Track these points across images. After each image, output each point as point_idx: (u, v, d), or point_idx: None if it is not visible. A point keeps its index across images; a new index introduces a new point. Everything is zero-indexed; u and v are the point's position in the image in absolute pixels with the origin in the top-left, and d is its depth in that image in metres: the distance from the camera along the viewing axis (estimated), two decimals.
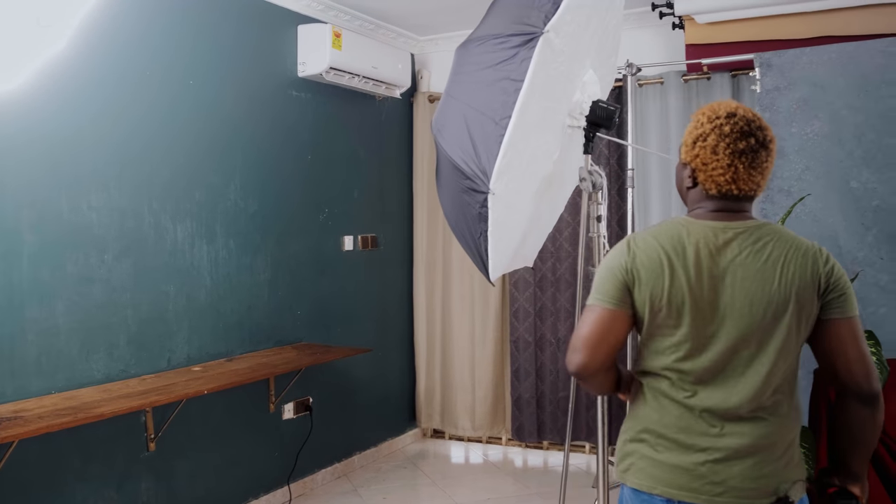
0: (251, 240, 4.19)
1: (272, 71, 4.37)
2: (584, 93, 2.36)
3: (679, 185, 1.89)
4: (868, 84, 3.82)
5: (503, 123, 2.06)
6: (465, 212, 2.25)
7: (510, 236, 2.37)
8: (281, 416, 4.37)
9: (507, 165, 2.10)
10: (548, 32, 2.01)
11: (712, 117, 1.79)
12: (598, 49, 2.46)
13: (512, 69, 2.05)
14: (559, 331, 5.17)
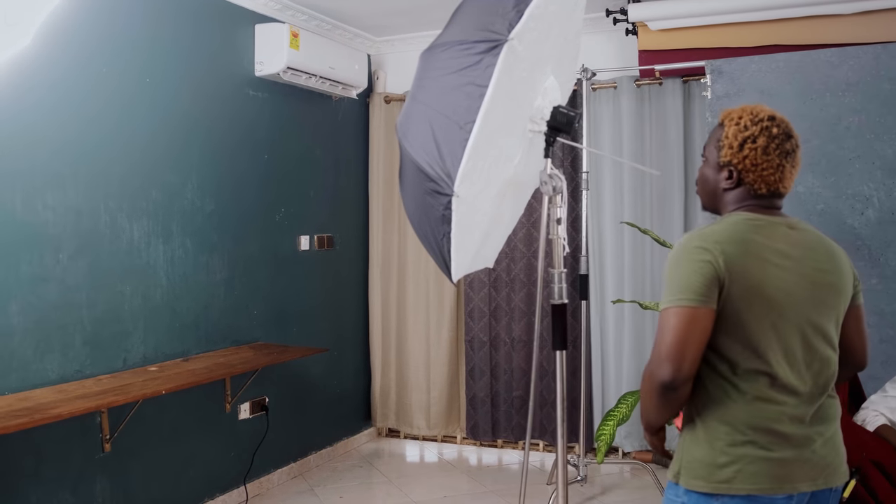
0: (208, 239, 4.17)
1: (229, 70, 4.36)
2: (545, 98, 2.42)
3: (709, 186, 1.94)
4: (813, 92, 3.96)
5: (468, 128, 2.10)
6: (428, 214, 2.28)
7: (472, 238, 2.41)
8: (237, 416, 4.36)
9: (471, 169, 2.14)
10: (512, 40, 2.06)
11: (755, 119, 1.84)
12: (559, 56, 2.52)
13: (476, 75, 2.10)
14: (513, 330, 5.24)
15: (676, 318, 1.72)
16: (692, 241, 1.79)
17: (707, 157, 1.95)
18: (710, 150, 1.93)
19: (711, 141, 1.94)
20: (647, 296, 4.82)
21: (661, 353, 1.72)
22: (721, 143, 1.88)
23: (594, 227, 4.97)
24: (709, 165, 1.94)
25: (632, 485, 4.67)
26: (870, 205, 3.87)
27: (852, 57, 3.91)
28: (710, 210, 2.00)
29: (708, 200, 1.98)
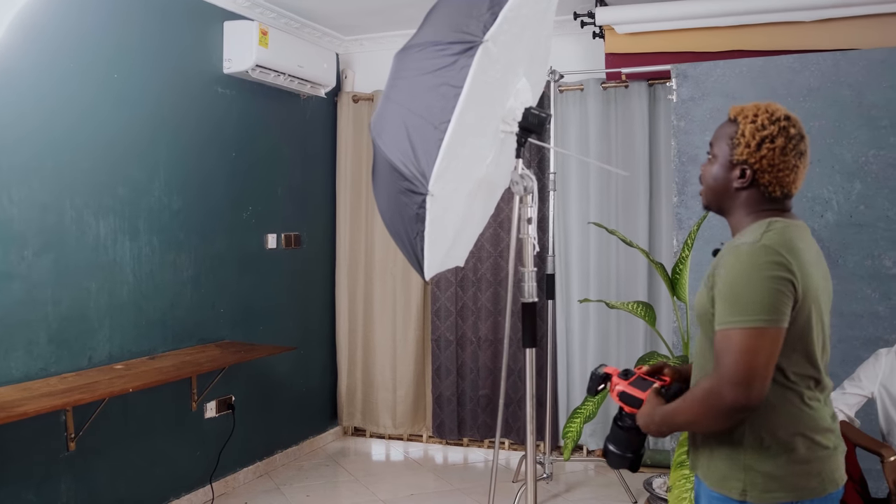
0: (175, 237, 4.15)
1: (198, 67, 4.34)
2: (517, 100, 2.45)
3: (719, 185, 1.87)
4: (776, 97, 4.03)
5: (442, 128, 2.12)
6: (402, 212, 2.30)
7: (445, 236, 2.44)
8: (203, 415, 4.34)
9: (445, 168, 2.17)
10: (486, 42, 2.09)
11: (773, 118, 1.80)
12: (531, 58, 2.56)
13: (451, 75, 2.12)
14: (480, 329, 5.27)
15: (753, 340, 1.64)
16: (761, 254, 1.69)
17: (716, 154, 1.87)
18: (721, 147, 1.86)
19: (721, 138, 1.86)
20: (612, 295, 4.89)
21: (735, 376, 1.64)
22: (736, 140, 1.82)
23: (560, 227, 5.02)
24: (718, 163, 1.86)
25: (596, 482, 4.73)
26: (829, 208, 3.97)
27: (813, 63, 4.00)
28: (714, 209, 1.93)
29: (714, 199, 1.91)
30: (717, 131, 1.90)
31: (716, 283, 1.74)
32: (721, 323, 1.69)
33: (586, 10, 4.70)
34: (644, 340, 4.88)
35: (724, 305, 1.69)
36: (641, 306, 3.91)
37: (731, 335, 1.66)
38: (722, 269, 1.73)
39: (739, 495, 1.78)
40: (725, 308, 1.69)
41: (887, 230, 3.88)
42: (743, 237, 1.79)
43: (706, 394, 1.71)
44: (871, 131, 3.91)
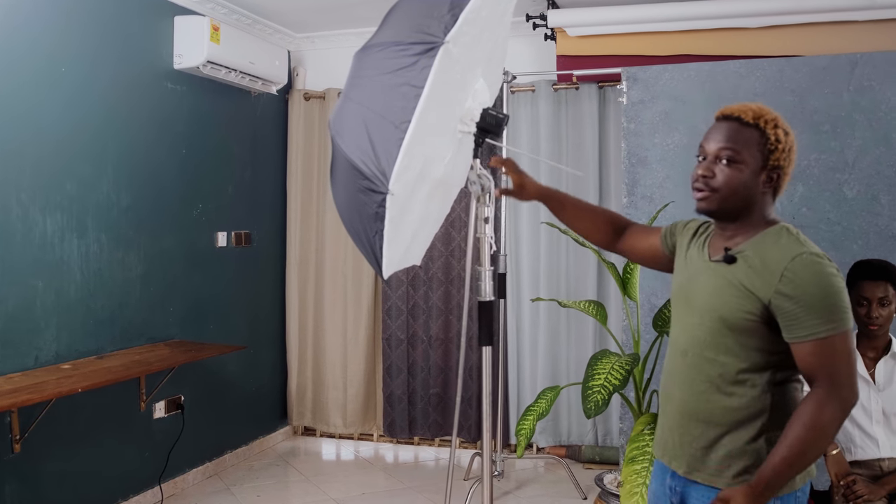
0: (124, 234, 4.08)
1: (147, 62, 4.27)
2: (475, 100, 2.46)
3: (748, 191, 1.87)
4: (723, 101, 4.09)
5: (403, 127, 2.12)
6: (360, 211, 2.30)
7: (403, 235, 2.44)
8: (152, 415, 4.28)
9: (405, 167, 2.17)
10: (447, 43, 2.10)
11: (786, 124, 1.90)
12: (489, 59, 2.58)
13: (412, 76, 2.12)
14: (431, 329, 5.29)
15: (849, 343, 1.78)
16: (828, 263, 1.80)
17: (745, 160, 1.86)
18: (752, 153, 1.86)
19: (748, 144, 1.86)
20: (562, 294, 4.95)
21: (850, 377, 1.78)
22: (771, 146, 1.86)
23: (511, 227, 5.07)
24: (749, 169, 1.86)
25: (546, 479, 4.79)
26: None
27: (759, 69, 4.11)
28: (725, 214, 1.92)
29: (736, 204, 1.89)
30: (731, 135, 1.88)
31: (785, 296, 1.78)
32: (818, 332, 1.76)
33: (538, 12, 4.75)
34: (594, 339, 4.95)
35: (815, 315, 1.76)
36: (593, 305, 3.97)
37: (835, 341, 1.76)
38: (796, 280, 1.77)
39: (788, 487, 1.85)
40: (818, 318, 1.76)
41: (828, 231, 4.00)
42: (782, 244, 1.83)
43: (823, 406, 1.76)
44: (813, 136, 4.03)
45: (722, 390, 1.88)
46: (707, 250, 1.99)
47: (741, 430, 1.87)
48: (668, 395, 2.05)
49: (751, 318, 1.83)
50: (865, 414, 2.88)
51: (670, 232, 2.21)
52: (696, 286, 1.97)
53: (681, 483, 2.00)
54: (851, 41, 4.26)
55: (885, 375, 2.89)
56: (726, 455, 1.88)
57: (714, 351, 1.90)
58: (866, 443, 2.89)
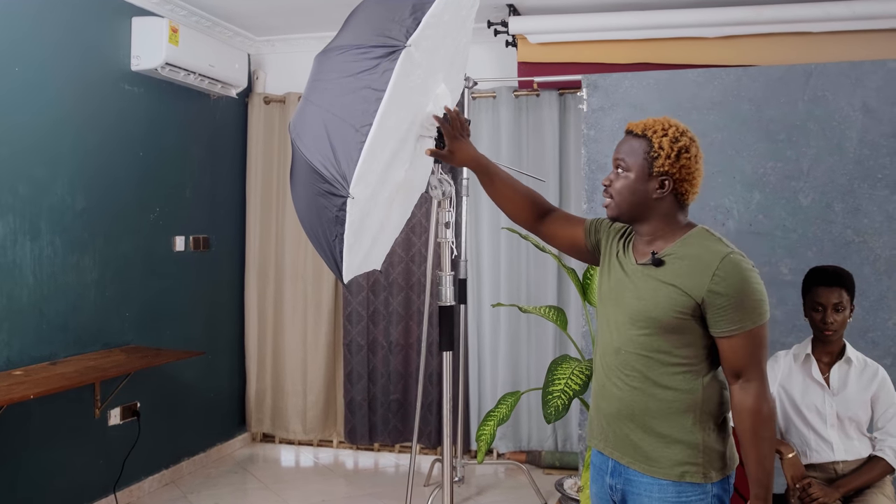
0: (78, 238, 4.01)
1: (104, 63, 4.21)
2: (436, 105, 2.47)
3: (637, 197, 1.99)
4: (681, 109, 4.19)
5: (364, 130, 2.12)
6: (321, 215, 2.29)
7: (363, 240, 2.43)
8: (107, 422, 4.21)
9: (365, 171, 2.16)
10: (409, 46, 2.10)
11: (681, 131, 2.00)
12: (450, 64, 2.58)
13: (374, 79, 2.12)
14: (391, 334, 5.27)
15: (767, 331, 1.93)
16: (748, 261, 1.94)
17: (630, 168, 1.99)
18: (637, 161, 1.98)
19: (634, 153, 1.99)
20: (522, 300, 4.96)
21: (765, 365, 1.94)
22: (654, 153, 1.96)
23: (472, 232, 5.07)
24: (635, 176, 1.99)
25: (506, 485, 4.79)
26: (730, 216, 4.13)
27: (717, 77, 4.16)
28: (625, 219, 2.06)
29: (628, 210, 2.02)
30: (624, 147, 2.03)
31: (717, 294, 1.88)
32: (745, 325, 1.89)
33: (500, 18, 4.77)
34: (553, 344, 4.97)
35: (742, 310, 1.89)
36: (554, 311, 3.98)
37: (759, 332, 1.91)
38: (728, 279, 1.88)
39: (703, 478, 1.94)
40: (745, 312, 1.89)
41: (784, 238, 4.06)
42: (708, 246, 1.95)
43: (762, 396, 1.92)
44: (769, 144, 4.09)
45: (657, 384, 1.98)
46: (632, 254, 2.09)
47: (677, 421, 1.96)
48: (602, 392, 2.12)
49: (682, 316, 1.93)
50: (820, 418, 2.93)
51: (595, 228, 2.28)
52: (626, 288, 2.05)
53: (621, 480, 2.06)
54: (806, 52, 4.34)
55: (840, 380, 2.93)
56: (665, 446, 1.97)
57: (647, 349, 1.99)
58: (821, 446, 2.94)
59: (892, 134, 3.94)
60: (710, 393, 1.97)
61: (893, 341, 3.93)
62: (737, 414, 1.94)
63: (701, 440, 1.95)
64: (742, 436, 1.92)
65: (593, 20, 4.58)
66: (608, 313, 2.10)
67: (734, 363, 1.92)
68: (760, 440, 1.91)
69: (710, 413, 1.96)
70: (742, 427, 1.93)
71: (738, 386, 1.92)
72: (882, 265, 3.96)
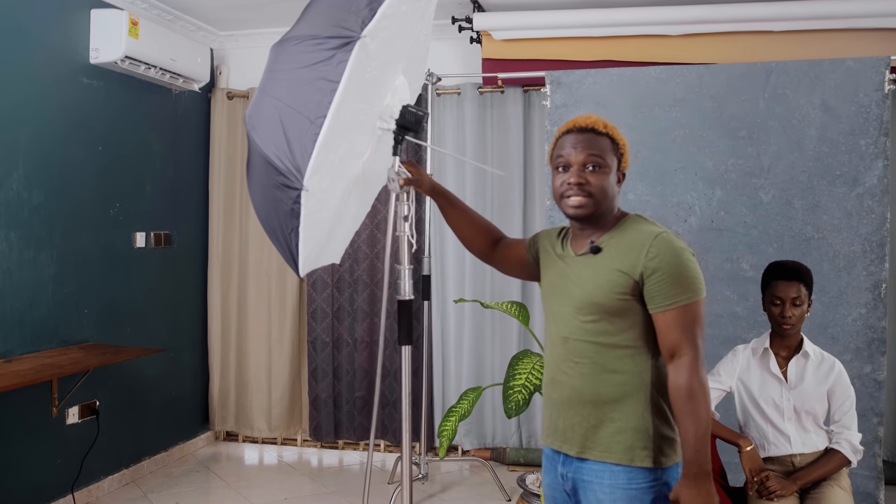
0: (35, 233, 3.94)
1: (62, 55, 4.14)
2: (394, 97, 2.45)
3: (611, 192, 2.06)
4: (643, 105, 4.21)
5: (318, 122, 2.10)
6: (276, 207, 2.26)
7: (320, 233, 2.41)
8: (64, 421, 4.14)
9: (320, 163, 2.14)
10: (364, 37, 2.08)
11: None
12: (410, 56, 2.56)
13: (328, 70, 2.09)
14: (356, 331, 5.24)
15: (703, 309, 1.96)
16: (680, 240, 2.00)
17: (608, 164, 2.03)
18: (611, 158, 2.05)
19: (606, 151, 2.04)
20: (486, 295, 4.96)
21: (702, 342, 1.94)
22: (621, 151, 2.07)
23: (436, 228, 5.06)
24: (611, 173, 2.05)
25: (471, 481, 4.78)
26: (692, 212, 4.16)
27: (679, 75, 4.19)
28: (594, 217, 2.06)
29: (604, 206, 2.05)
30: (596, 144, 2.04)
31: (652, 270, 1.94)
32: (679, 300, 1.92)
33: (464, 14, 4.76)
34: (518, 339, 4.98)
35: (676, 285, 1.93)
36: (515, 306, 3.98)
37: (694, 308, 1.93)
38: (660, 255, 1.94)
39: (653, 463, 1.96)
40: (679, 287, 1.93)
41: (745, 235, 4.10)
42: (641, 228, 2.02)
43: (695, 372, 1.91)
44: (730, 141, 4.13)
45: (605, 368, 2.00)
46: (570, 248, 2.14)
47: (627, 405, 1.99)
48: (553, 383, 2.14)
49: (624, 298, 1.97)
50: (777, 411, 2.95)
51: (532, 241, 2.37)
52: (568, 279, 2.09)
53: (572, 468, 2.08)
54: (767, 50, 4.38)
55: (797, 374, 2.96)
56: (616, 430, 2.00)
57: (593, 334, 2.02)
58: (779, 439, 2.96)
59: (850, 132, 4.00)
60: (658, 376, 2.00)
61: (852, 337, 3.98)
62: (670, 391, 1.95)
63: (651, 424, 1.97)
64: (675, 412, 1.94)
65: (557, 17, 4.59)
66: (552, 307, 2.15)
67: (669, 340, 1.94)
68: (689, 416, 1.90)
69: (660, 397, 2.00)
70: (674, 403, 1.94)
71: (673, 363, 1.94)
72: (841, 261, 4.01)
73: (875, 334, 3.94)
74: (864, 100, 3.97)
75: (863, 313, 3.97)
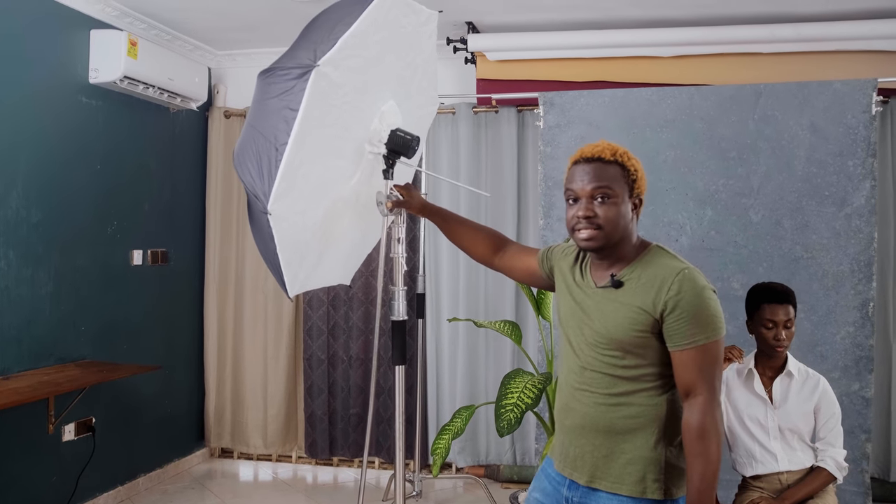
0: (33, 251, 3.98)
1: (62, 75, 4.19)
2: (382, 122, 2.52)
3: (625, 220, 2.02)
4: (635, 126, 4.27)
5: (281, 149, 2.18)
6: (262, 231, 2.34)
7: (303, 255, 2.47)
8: (61, 438, 4.17)
9: (286, 188, 2.21)
10: (319, 66, 2.15)
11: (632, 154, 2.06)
12: (403, 82, 2.62)
13: (291, 99, 2.18)
14: (351, 348, 5.28)
15: (722, 348, 1.95)
16: (703, 277, 1.98)
17: (617, 195, 2.00)
18: (621, 186, 2.00)
19: (616, 179, 2.00)
20: (480, 314, 5.00)
21: (719, 383, 1.96)
22: (633, 177, 2.03)
23: (431, 247, 5.10)
24: (623, 202, 2.01)
25: (465, 499, 4.81)
26: (683, 232, 4.21)
27: (670, 96, 4.25)
28: (608, 248, 2.03)
29: (617, 238, 2.02)
30: (604, 174, 2.00)
31: (672, 307, 1.92)
32: (698, 340, 1.92)
33: (459, 36, 4.83)
34: (511, 358, 5.01)
35: (696, 324, 1.92)
36: (508, 325, 4.02)
37: (712, 347, 1.93)
38: (682, 293, 1.92)
39: (663, 495, 1.98)
40: (699, 326, 1.92)
41: (735, 254, 4.15)
42: (664, 263, 2.00)
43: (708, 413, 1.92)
44: (720, 162, 4.18)
45: (620, 400, 2.01)
46: (590, 278, 2.11)
47: (639, 437, 1.99)
48: (566, 410, 2.14)
49: (642, 334, 1.96)
50: (763, 431, 2.99)
51: (547, 256, 2.34)
52: (588, 311, 2.07)
53: (578, 494, 2.09)
54: (756, 72, 4.44)
55: (781, 393, 3.00)
56: (627, 462, 2.00)
57: (611, 367, 2.02)
58: (766, 458, 3.00)
59: (838, 153, 4.05)
60: (672, 410, 2.00)
61: (841, 355, 4.03)
62: (683, 429, 1.95)
63: (663, 456, 1.98)
64: (686, 449, 1.94)
65: (551, 38, 4.65)
66: (570, 335, 2.14)
67: (685, 378, 1.93)
68: (700, 457, 1.90)
69: (672, 430, 2.00)
70: (686, 442, 1.94)
71: (687, 402, 1.95)
72: (830, 280, 4.06)
73: (863, 352, 3.99)
74: (852, 121, 4.03)
75: (851, 332, 4.01)
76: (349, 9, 2.26)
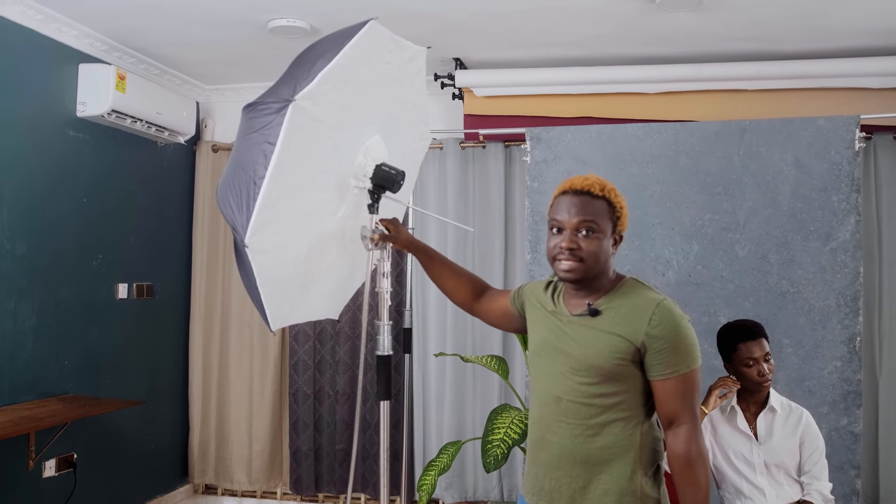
0: (16, 283, 3.95)
1: (49, 108, 4.19)
2: (367, 156, 2.52)
3: (606, 255, 2.06)
4: (621, 162, 4.29)
5: (259, 183, 2.18)
6: (244, 264, 2.33)
7: (285, 289, 2.45)
8: (41, 474, 4.10)
9: (264, 221, 2.20)
10: (296, 101, 2.15)
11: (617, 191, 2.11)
12: (390, 117, 2.63)
13: (269, 133, 2.18)
14: (337, 383, 5.24)
15: (700, 376, 2.01)
16: (679, 308, 2.03)
17: (603, 229, 2.04)
18: (605, 222, 2.04)
19: (601, 214, 2.04)
20: (468, 349, 4.97)
21: (699, 408, 2.01)
22: (618, 213, 2.07)
23: (418, 281, 5.09)
24: (606, 237, 2.05)
25: None
26: (670, 267, 4.21)
27: (656, 132, 4.28)
28: (587, 280, 2.07)
29: (596, 271, 2.05)
30: (590, 208, 2.04)
31: (654, 338, 1.97)
32: (679, 369, 1.97)
33: (447, 72, 4.87)
34: (499, 393, 4.98)
35: (676, 354, 1.97)
36: (495, 360, 4.01)
37: (692, 376, 1.98)
38: (663, 323, 1.97)
39: None
40: (679, 355, 1.97)
41: (722, 289, 4.15)
42: (642, 293, 2.04)
43: (693, 440, 1.96)
44: (706, 197, 4.20)
45: (597, 431, 2.02)
46: (563, 306, 2.14)
47: (616, 468, 2.01)
48: (542, 442, 2.14)
49: (622, 363, 1.98)
50: (749, 467, 2.98)
51: (518, 293, 2.41)
52: (564, 338, 2.09)
53: None
54: (741, 108, 4.49)
55: (766, 429, 2.99)
56: (603, 493, 2.02)
57: (588, 396, 2.03)
58: (754, 493, 2.99)
59: (822, 188, 4.08)
60: (647, 440, 2.02)
61: (829, 389, 4.02)
62: (669, 458, 1.99)
63: (639, 487, 1.99)
64: (675, 479, 1.97)
65: (538, 75, 4.69)
66: (544, 365, 2.14)
67: (668, 407, 1.97)
68: (689, 484, 1.94)
69: (647, 460, 2.02)
70: (674, 471, 1.97)
71: (671, 431, 1.98)
72: (816, 315, 4.06)
73: (851, 387, 3.98)
74: (836, 157, 4.07)
75: (838, 366, 4.01)
76: (332, 44, 2.27)
